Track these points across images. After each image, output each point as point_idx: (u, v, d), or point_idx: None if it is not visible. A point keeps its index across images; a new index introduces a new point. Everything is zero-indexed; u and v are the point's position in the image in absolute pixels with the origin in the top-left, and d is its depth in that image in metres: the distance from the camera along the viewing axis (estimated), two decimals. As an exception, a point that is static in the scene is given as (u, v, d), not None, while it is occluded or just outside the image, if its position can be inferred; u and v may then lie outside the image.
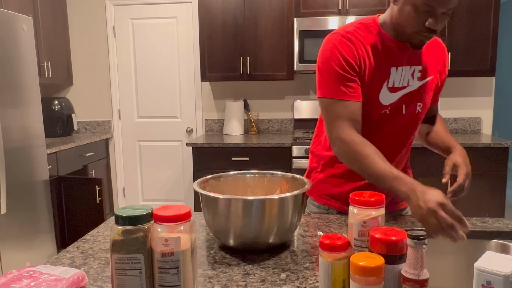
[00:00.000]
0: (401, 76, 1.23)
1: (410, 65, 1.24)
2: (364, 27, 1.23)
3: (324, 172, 1.38)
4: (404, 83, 1.24)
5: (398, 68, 1.23)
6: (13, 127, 2.58)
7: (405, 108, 1.26)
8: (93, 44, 4.02)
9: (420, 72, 1.26)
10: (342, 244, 0.75)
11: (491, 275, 0.68)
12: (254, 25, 3.47)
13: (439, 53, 1.32)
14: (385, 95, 1.23)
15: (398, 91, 1.24)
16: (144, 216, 0.74)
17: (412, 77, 1.25)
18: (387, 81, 1.22)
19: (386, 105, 1.24)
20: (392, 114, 1.25)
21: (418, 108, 1.28)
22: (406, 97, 1.25)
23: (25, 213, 2.68)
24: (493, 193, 3.14)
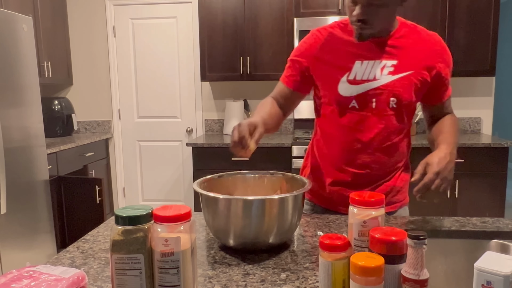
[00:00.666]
0: (365, 70, 1.25)
1: (380, 59, 1.25)
2: (339, 24, 1.32)
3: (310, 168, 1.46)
4: (369, 77, 1.25)
5: (363, 62, 1.26)
6: (13, 127, 2.58)
7: (376, 102, 1.26)
8: (93, 44, 4.02)
9: (393, 67, 1.25)
10: (342, 244, 0.75)
11: (491, 275, 0.68)
12: (254, 25, 3.47)
13: (429, 49, 1.28)
14: (344, 86, 1.27)
15: (360, 84, 1.26)
16: (144, 216, 0.74)
17: (381, 71, 1.25)
18: (348, 74, 1.27)
19: (346, 96, 1.27)
20: (362, 107, 1.27)
21: (391, 103, 1.26)
22: (374, 91, 1.26)
23: (25, 213, 2.68)
24: (493, 193, 3.14)
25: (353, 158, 1.31)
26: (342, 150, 1.32)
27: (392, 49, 1.26)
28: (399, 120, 1.29)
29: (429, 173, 1.10)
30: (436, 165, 1.11)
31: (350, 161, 1.32)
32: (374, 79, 1.25)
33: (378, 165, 1.31)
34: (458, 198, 3.16)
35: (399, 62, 1.25)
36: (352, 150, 1.31)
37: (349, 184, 1.34)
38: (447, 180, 1.12)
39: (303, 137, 3.35)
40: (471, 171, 3.11)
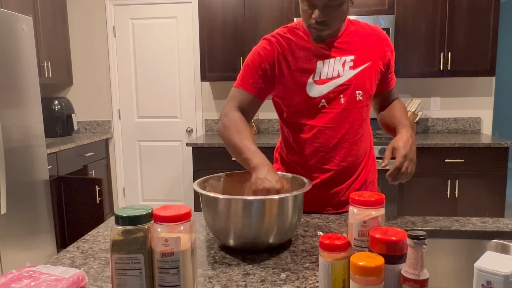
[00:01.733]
0: (328, 68, 1.29)
1: (340, 55, 1.30)
2: (288, 30, 1.34)
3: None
4: (334, 74, 1.29)
5: (324, 61, 1.30)
6: (13, 127, 2.58)
7: (344, 98, 1.30)
8: (93, 44, 4.02)
9: (352, 61, 1.30)
10: (342, 244, 0.75)
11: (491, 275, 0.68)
12: (254, 25, 3.47)
13: (377, 40, 1.35)
14: (312, 87, 1.30)
15: (326, 82, 1.30)
16: (144, 216, 0.74)
17: (343, 68, 1.30)
18: (313, 75, 1.30)
19: (316, 97, 1.30)
20: (331, 105, 1.31)
21: (358, 96, 1.31)
22: (341, 88, 1.30)
23: (25, 213, 2.68)
24: (493, 193, 3.14)
25: (330, 156, 1.34)
26: (318, 151, 1.34)
27: (347, 45, 1.31)
28: (365, 111, 1.36)
29: (398, 157, 1.17)
30: (403, 149, 1.18)
31: (327, 159, 1.34)
32: (338, 75, 1.30)
33: (352, 158, 1.35)
34: (458, 198, 3.16)
35: (356, 56, 1.31)
36: (328, 149, 1.33)
37: (327, 183, 1.36)
38: (413, 162, 1.20)
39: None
40: (471, 171, 3.11)
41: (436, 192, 3.18)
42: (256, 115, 3.92)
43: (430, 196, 3.18)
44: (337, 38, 1.31)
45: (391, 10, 3.29)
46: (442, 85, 3.65)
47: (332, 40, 1.30)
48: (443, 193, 3.17)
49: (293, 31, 1.34)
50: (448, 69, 3.31)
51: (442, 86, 3.65)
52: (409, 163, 1.17)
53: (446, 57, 3.31)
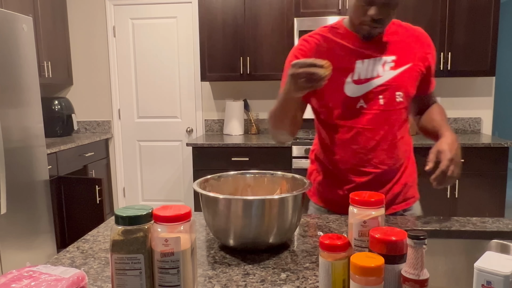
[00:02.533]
0: (367, 68, 1.28)
1: (380, 55, 1.28)
2: (328, 29, 1.33)
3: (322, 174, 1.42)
4: (373, 74, 1.28)
5: (364, 61, 1.28)
6: (13, 127, 2.58)
7: (383, 99, 1.28)
8: (93, 44, 4.02)
9: (393, 62, 1.28)
10: (342, 244, 0.75)
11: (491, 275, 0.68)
12: (254, 25, 3.47)
13: (419, 42, 1.33)
14: (350, 87, 1.28)
15: (365, 82, 1.28)
16: (144, 216, 0.74)
17: (383, 68, 1.28)
18: (352, 74, 1.28)
19: (354, 97, 1.28)
20: (370, 106, 1.29)
21: (398, 97, 1.29)
22: (380, 88, 1.28)
23: (25, 213, 2.68)
24: (493, 193, 3.14)
25: (368, 158, 1.30)
26: (357, 153, 1.31)
27: (388, 45, 1.29)
28: (405, 113, 1.33)
29: (444, 160, 1.14)
30: (449, 152, 1.16)
31: (365, 162, 1.31)
32: (377, 76, 1.28)
33: (392, 160, 1.32)
34: (458, 198, 3.16)
35: (398, 57, 1.29)
36: (366, 151, 1.30)
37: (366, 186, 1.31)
38: (458, 165, 1.17)
39: (303, 137, 3.35)
40: (471, 171, 3.11)
41: (436, 192, 3.18)
42: (256, 115, 3.92)
43: (430, 196, 3.17)
44: (379, 37, 1.29)
45: (391, 10, 3.28)
46: (442, 85, 3.65)
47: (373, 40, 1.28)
48: (443, 193, 3.17)
49: (332, 30, 1.32)
50: (448, 69, 3.31)
51: (442, 86, 3.65)
52: (455, 166, 1.15)
53: (446, 57, 3.31)
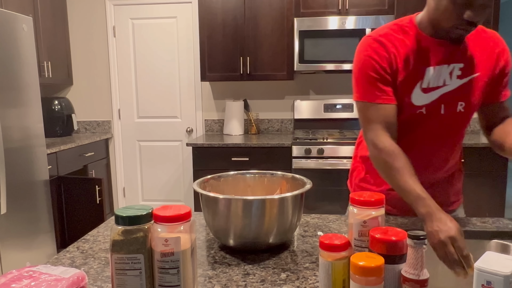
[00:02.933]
0: (437, 76, 1.20)
1: (449, 63, 1.20)
2: (399, 28, 1.23)
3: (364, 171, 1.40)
4: (439, 83, 1.21)
5: (435, 67, 1.20)
6: (13, 127, 2.58)
7: (444, 108, 1.22)
8: (93, 44, 4.02)
9: (460, 70, 1.21)
10: (342, 244, 0.75)
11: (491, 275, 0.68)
12: (254, 25, 3.47)
13: (490, 47, 1.23)
14: (417, 95, 1.21)
15: (432, 91, 1.21)
16: (144, 216, 0.74)
17: (450, 76, 1.21)
18: (421, 82, 1.21)
19: (419, 105, 1.21)
20: (429, 114, 1.22)
21: (459, 107, 1.23)
22: (444, 97, 1.21)
23: (25, 213, 2.68)
24: (493, 193, 3.14)
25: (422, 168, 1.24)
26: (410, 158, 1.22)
27: (459, 51, 1.21)
28: (465, 124, 1.27)
29: None
30: None
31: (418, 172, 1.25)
32: (444, 84, 1.21)
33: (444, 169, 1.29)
34: (458, 198, 3.16)
35: (465, 65, 1.21)
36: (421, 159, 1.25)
37: None
38: None
39: (303, 137, 3.35)
40: (471, 171, 3.11)
41: (436, 192, 3.17)
42: (256, 115, 3.92)
43: (430, 196, 3.18)
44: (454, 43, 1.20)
45: (391, 10, 3.29)
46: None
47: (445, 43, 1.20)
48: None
49: (404, 31, 1.22)
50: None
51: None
52: None
53: (446, 57, 3.30)
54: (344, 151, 3.17)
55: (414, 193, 1.05)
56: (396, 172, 1.12)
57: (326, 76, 3.82)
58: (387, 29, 1.23)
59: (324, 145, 3.18)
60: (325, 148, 3.17)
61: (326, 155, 3.18)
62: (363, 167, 1.42)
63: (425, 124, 1.23)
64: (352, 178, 1.48)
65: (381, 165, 1.18)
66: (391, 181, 1.15)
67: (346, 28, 3.28)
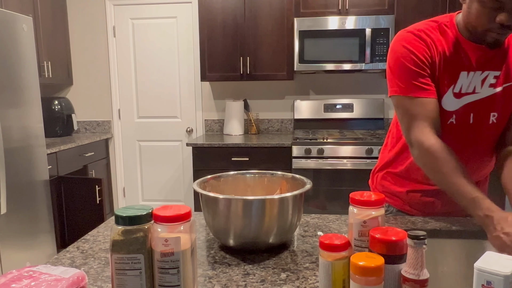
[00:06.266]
0: (470, 82, 1.15)
1: (483, 70, 1.15)
2: (438, 26, 1.18)
3: (384, 170, 1.38)
4: (470, 89, 1.15)
5: (469, 72, 1.15)
6: (13, 127, 2.58)
7: (473, 118, 1.17)
8: (93, 44, 4.01)
9: (495, 78, 1.15)
10: (342, 244, 0.75)
11: (491, 275, 0.68)
12: (254, 25, 3.47)
13: None
14: (449, 100, 1.16)
15: (462, 97, 1.16)
16: (144, 216, 0.74)
17: (482, 84, 1.15)
18: (454, 86, 1.16)
19: (449, 111, 1.17)
20: (459, 123, 1.17)
21: (492, 118, 1.17)
22: (473, 105, 1.16)
23: (25, 213, 2.68)
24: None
25: None
26: None
27: (497, 58, 1.15)
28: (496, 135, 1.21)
29: None
30: None
31: None
32: (473, 92, 1.15)
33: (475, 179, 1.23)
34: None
35: (502, 73, 1.15)
36: None
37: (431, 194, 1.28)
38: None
39: (303, 137, 3.35)
40: (471, 171, 3.10)
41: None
42: (256, 115, 3.92)
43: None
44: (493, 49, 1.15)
45: (391, 10, 3.29)
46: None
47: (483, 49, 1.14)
48: None
49: (442, 30, 1.17)
50: None
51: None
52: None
53: (446, 57, 3.30)
54: (344, 151, 3.16)
55: (469, 196, 1.02)
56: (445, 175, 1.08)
57: (326, 76, 3.82)
58: (425, 25, 1.18)
59: (324, 145, 3.18)
60: (325, 148, 3.17)
61: (326, 155, 3.18)
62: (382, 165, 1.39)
63: (455, 134, 1.18)
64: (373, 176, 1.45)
65: (429, 165, 1.13)
66: (441, 181, 1.11)
67: (346, 28, 3.28)
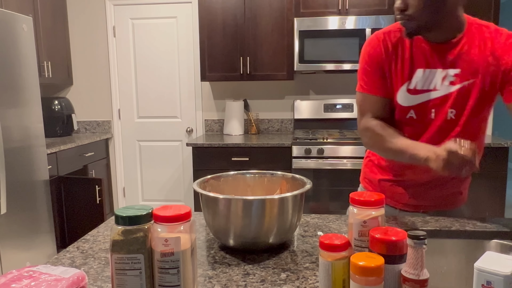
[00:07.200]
0: (426, 79, 1.20)
1: (443, 68, 1.18)
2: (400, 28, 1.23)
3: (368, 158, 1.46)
4: (429, 87, 1.20)
5: (425, 70, 1.20)
6: (13, 127, 2.58)
7: (435, 113, 1.21)
8: (93, 44, 4.01)
9: (455, 76, 1.18)
10: (342, 244, 0.75)
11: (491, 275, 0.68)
12: (254, 25, 3.47)
13: (493, 50, 1.15)
14: (402, 96, 1.23)
15: (419, 93, 1.20)
16: (144, 216, 0.74)
17: (442, 81, 1.19)
18: (409, 83, 1.21)
19: (405, 106, 1.23)
20: (420, 118, 1.23)
21: (450, 114, 1.20)
22: (434, 102, 1.20)
23: (25, 213, 2.68)
24: (493, 193, 3.14)
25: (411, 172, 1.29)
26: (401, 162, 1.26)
27: (456, 56, 1.17)
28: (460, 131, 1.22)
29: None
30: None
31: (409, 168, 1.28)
32: (434, 89, 1.20)
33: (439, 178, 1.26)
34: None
35: (462, 71, 1.17)
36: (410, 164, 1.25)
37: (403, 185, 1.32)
38: None
39: (303, 137, 3.35)
40: (471, 171, 3.11)
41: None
42: (256, 115, 3.92)
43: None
44: (448, 45, 1.17)
45: (391, 10, 3.29)
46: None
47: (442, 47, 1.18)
48: None
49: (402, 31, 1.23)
50: None
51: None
52: None
53: (446, 57, 3.30)
54: (344, 151, 3.16)
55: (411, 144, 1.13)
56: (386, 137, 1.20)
57: (326, 76, 3.82)
58: (393, 27, 1.25)
59: (324, 145, 3.18)
60: (325, 148, 3.17)
61: (326, 155, 3.18)
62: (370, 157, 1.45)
63: (418, 128, 1.24)
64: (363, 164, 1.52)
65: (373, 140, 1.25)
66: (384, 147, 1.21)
67: (346, 28, 3.28)
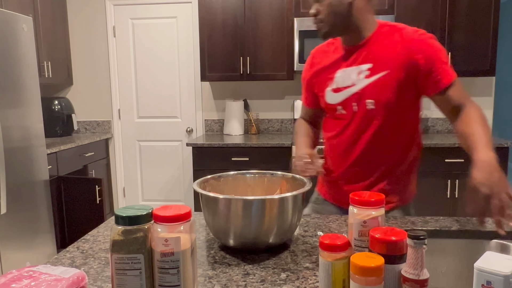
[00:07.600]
0: (345, 77, 1.34)
1: (357, 64, 1.32)
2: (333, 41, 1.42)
3: None
4: (348, 83, 1.33)
5: (343, 70, 1.35)
6: (13, 127, 2.58)
7: (357, 106, 1.33)
8: (93, 44, 4.01)
9: (369, 70, 1.30)
10: (342, 244, 0.75)
11: (491, 275, 0.68)
12: (254, 25, 3.47)
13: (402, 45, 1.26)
14: (329, 95, 1.39)
15: (341, 91, 1.35)
16: (144, 216, 0.74)
17: (358, 76, 1.31)
18: (331, 83, 1.37)
19: (333, 104, 1.38)
20: (348, 112, 1.36)
21: (369, 105, 1.31)
22: (354, 96, 1.33)
23: (25, 213, 2.68)
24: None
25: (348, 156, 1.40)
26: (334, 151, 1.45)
27: (368, 53, 1.31)
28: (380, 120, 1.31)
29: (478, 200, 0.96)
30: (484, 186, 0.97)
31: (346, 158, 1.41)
32: (352, 84, 1.33)
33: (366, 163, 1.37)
34: (458, 198, 3.16)
35: (374, 65, 1.30)
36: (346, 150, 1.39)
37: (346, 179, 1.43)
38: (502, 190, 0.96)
39: (303, 137, 3.35)
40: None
41: (436, 192, 3.18)
42: (256, 115, 3.92)
43: (430, 196, 3.18)
44: (359, 46, 1.32)
45: (391, 10, 3.29)
46: (442, 85, 3.64)
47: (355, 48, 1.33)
48: (443, 193, 3.17)
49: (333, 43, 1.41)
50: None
51: (442, 86, 3.64)
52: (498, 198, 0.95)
53: (446, 57, 3.30)
54: (344, 151, 3.16)
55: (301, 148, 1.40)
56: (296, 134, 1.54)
57: (326, 76, 3.82)
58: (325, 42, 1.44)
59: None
60: (325, 148, 3.17)
61: (326, 155, 3.18)
62: None
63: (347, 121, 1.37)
64: None
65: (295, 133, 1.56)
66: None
67: (346, 28, 3.28)
